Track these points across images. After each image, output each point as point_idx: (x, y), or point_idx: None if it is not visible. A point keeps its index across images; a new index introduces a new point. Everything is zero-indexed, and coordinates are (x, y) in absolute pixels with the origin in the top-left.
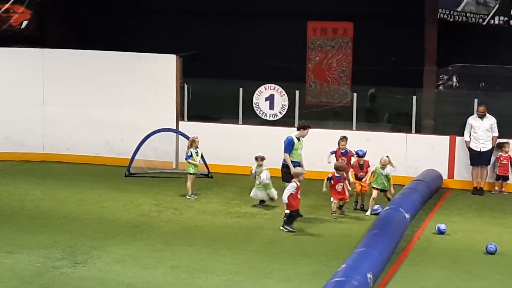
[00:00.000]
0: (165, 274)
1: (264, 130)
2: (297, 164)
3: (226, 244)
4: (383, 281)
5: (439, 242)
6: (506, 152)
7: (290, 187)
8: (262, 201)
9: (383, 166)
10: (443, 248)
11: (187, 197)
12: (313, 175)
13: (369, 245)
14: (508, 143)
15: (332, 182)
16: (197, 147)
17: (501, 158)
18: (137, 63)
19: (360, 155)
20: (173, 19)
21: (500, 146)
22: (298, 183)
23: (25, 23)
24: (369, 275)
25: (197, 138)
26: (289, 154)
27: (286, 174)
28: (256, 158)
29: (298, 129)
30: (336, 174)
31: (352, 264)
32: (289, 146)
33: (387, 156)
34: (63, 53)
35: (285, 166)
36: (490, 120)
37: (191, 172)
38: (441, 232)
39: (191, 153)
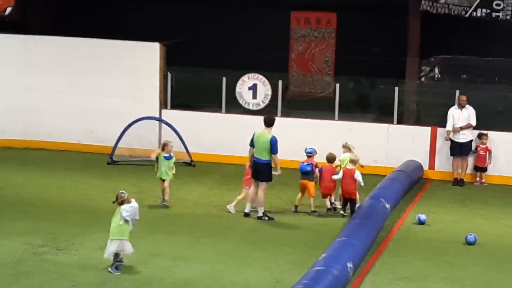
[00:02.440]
0: (146, 261)
1: (247, 119)
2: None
3: (207, 233)
4: (363, 271)
5: (419, 232)
6: (484, 144)
7: (359, 175)
8: (116, 256)
9: (350, 149)
10: (423, 238)
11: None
12: (294, 165)
13: (350, 235)
14: (487, 135)
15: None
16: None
17: (479, 149)
18: (121, 51)
19: (307, 153)
20: (157, 7)
21: (479, 137)
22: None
23: (9, 9)
24: (350, 265)
25: (171, 142)
26: None
27: (270, 174)
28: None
29: (272, 124)
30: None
31: (332, 254)
32: (277, 146)
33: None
34: (47, 40)
35: (268, 164)
36: (469, 110)
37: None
38: (421, 223)
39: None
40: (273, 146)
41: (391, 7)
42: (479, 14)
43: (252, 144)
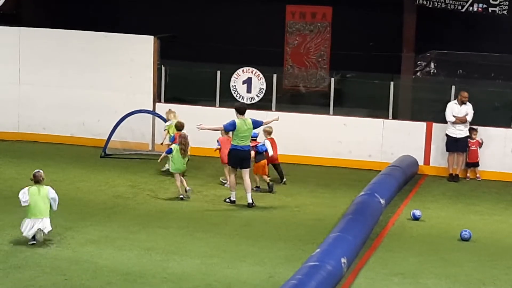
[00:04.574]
0: (140, 255)
1: None
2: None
3: (201, 227)
4: (357, 266)
5: (413, 228)
6: (474, 139)
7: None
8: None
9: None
10: (418, 234)
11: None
12: (288, 159)
13: (344, 230)
14: (476, 130)
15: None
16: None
17: (470, 145)
18: (115, 44)
19: (252, 136)
20: (151, 0)
21: (468, 132)
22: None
23: (1, 1)
24: (343, 260)
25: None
26: None
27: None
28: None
29: (245, 111)
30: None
31: (326, 249)
32: None
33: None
34: (40, 32)
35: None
36: (468, 107)
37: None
38: (416, 218)
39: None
40: (256, 123)
41: (387, 2)
42: (475, 9)
43: (230, 130)
